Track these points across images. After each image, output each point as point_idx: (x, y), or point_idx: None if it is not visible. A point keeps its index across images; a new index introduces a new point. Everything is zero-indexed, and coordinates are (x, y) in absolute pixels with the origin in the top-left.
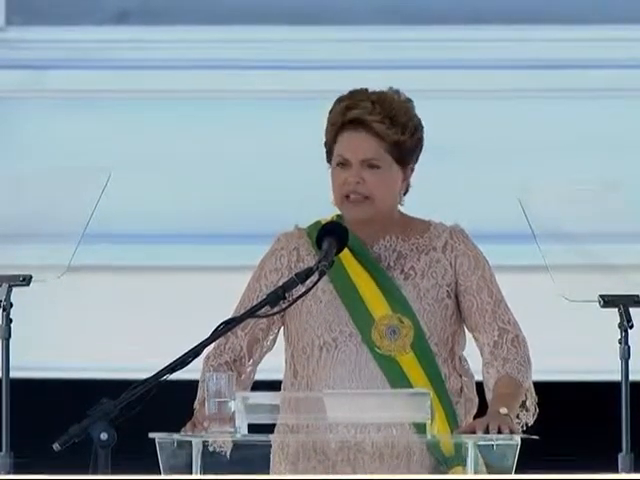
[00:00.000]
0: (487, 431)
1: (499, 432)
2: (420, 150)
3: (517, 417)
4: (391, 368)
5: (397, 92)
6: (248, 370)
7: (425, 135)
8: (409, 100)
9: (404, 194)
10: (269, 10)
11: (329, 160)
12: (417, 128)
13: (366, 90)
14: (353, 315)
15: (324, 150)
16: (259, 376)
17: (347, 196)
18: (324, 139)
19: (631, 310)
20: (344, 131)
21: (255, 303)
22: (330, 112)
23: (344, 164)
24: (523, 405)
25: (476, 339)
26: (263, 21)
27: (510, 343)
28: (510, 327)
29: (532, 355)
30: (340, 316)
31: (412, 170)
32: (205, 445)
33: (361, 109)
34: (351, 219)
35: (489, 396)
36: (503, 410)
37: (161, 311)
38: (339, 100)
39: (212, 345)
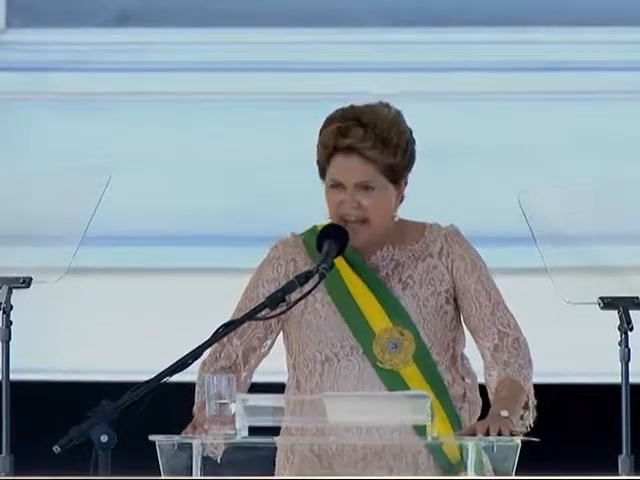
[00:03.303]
0: (488, 433)
1: (499, 434)
2: (413, 163)
3: (521, 418)
4: (394, 382)
5: (387, 106)
6: (243, 376)
7: (425, 137)
8: (399, 114)
9: (399, 204)
10: (271, 12)
11: (322, 177)
12: (408, 144)
13: (356, 109)
14: (353, 329)
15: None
16: (255, 379)
17: (344, 218)
18: (316, 156)
19: (631, 312)
20: (337, 155)
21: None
22: (321, 132)
23: (338, 187)
24: (526, 406)
25: (477, 342)
26: (264, 23)
27: (510, 346)
28: (510, 330)
29: (532, 357)
30: (341, 331)
31: (406, 183)
32: (205, 448)
33: (352, 137)
34: (350, 244)
35: (492, 398)
36: (504, 413)
37: (161, 313)
38: (330, 120)
39: (207, 352)
